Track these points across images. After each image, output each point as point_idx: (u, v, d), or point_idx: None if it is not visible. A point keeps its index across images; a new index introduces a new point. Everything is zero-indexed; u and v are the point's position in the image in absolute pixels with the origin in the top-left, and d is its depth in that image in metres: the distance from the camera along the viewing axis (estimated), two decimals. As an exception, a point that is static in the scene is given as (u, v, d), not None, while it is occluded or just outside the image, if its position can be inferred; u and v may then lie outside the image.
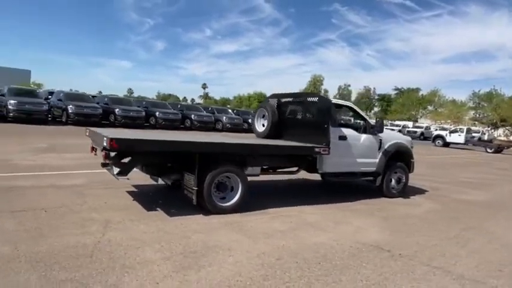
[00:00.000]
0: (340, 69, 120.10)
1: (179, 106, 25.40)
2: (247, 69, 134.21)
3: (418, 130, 40.71)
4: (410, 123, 47.07)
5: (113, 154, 4.75)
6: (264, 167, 6.19)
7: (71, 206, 4.85)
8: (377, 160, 6.84)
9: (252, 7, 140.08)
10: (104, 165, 5.17)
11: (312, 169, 6.37)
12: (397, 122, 47.76)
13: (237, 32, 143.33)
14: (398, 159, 7.24)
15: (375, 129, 6.65)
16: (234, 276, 3.11)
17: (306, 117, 6.48)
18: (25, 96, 17.40)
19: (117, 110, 19.70)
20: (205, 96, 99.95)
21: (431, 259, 3.95)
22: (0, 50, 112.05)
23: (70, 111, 18.01)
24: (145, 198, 5.58)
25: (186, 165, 4.94)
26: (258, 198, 6.07)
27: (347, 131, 6.50)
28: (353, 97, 78.34)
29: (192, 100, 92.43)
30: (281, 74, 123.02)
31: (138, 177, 5.72)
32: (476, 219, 6.01)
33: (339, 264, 3.60)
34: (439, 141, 30.37)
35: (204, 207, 4.94)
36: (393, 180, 7.14)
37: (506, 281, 3.53)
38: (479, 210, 6.68)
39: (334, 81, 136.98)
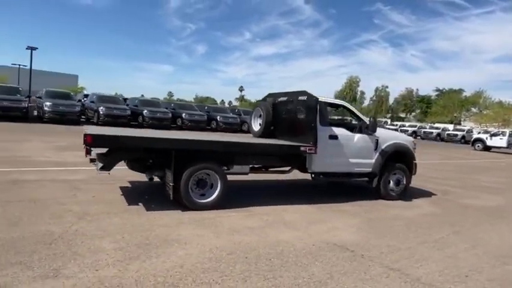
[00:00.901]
0: (382, 70, 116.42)
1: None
2: (285, 71, 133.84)
3: (459, 133, 38.63)
4: (450, 126, 44.80)
5: (103, 150, 5.06)
6: (254, 166, 6.26)
7: (60, 198, 5.16)
8: (373, 161, 6.65)
9: (292, 9, 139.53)
10: (91, 160, 5.45)
11: (304, 168, 6.33)
12: (436, 125, 45.68)
13: (276, 34, 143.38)
14: (398, 160, 7.00)
15: (369, 129, 6.47)
16: (174, 268, 3.20)
17: (297, 116, 6.45)
18: (60, 99, 18.58)
19: (145, 111, 20.49)
20: (241, 99, 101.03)
21: (395, 261, 3.81)
22: (50, 56, 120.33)
23: (101, 112, 18.97)
24: (134, 193, 5.82)
25: (165, 161, 5.10)
26: (246, 197, 6.15)
27: (338, 130, 6.39)
28: (391, 99, 75.89)
29: (230, 102, 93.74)
30: (320, 75, 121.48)
31: (140, 175, 5.90)
32: (472, 224, 5.69)
33: (290, 261, 3.58)
34: (478, 144, 28.74)
35: (182, 203, 5.07)
36: (391, 182, 6.91)
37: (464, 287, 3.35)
38: (481, 216, 6.30)
39: (375, 82, 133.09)
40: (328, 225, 4.93)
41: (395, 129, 42.47)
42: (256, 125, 7.33)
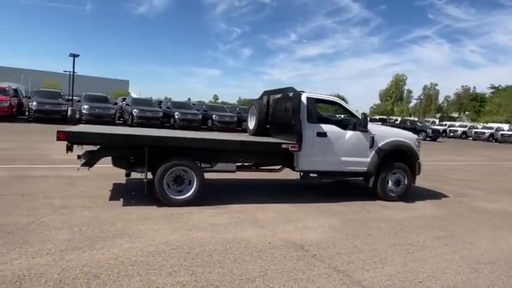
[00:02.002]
0: (436, 67, 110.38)
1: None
2: (331, 72, 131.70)
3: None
4: (506, 126, 41.40)
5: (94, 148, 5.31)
6: (244, 164, 6.21)
7: (50, 192, 5.47)
8: (368, 159, 6.33)
9: (339, 8, 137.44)
10: (78, 157, 5.72)
11: (293, 167, 6.18)
12: (490, 124, 42.47)
13: (322, 34, 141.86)
14: (398, 159, 6.60)
15: (360, 126, 6.17)
16: (108, 260, 3.26)
17: (284, 113, 6.31)
18: (97, 102, 19.72)
19: (176, 113, 21.14)
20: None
21: (347, 263, 3.60)
22: (103, 62, 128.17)
23: (134, 114, 19.88)
24: (123, 190, 6.03)
25: (142, 158, 5.22)
26: (233, 194, 6.18)
27: (328, 127, 6.16)
28: (441, 97, 71.64)
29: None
30: (369, 75, 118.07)
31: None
32: (470, 228, 5.21)
33: (231, 258, 3.50)
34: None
35: (157, 199, 5.16)
36: (390, 182, 6.52)
37: (409, 293, 3.08)
38: (485, 220, 5.75)
39: (427, 81, 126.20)
40: (300, 225, 4.76)
41: (443, 130, 40.30)
42: (251, 124, 7.29)
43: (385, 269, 3.50)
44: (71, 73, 30.18)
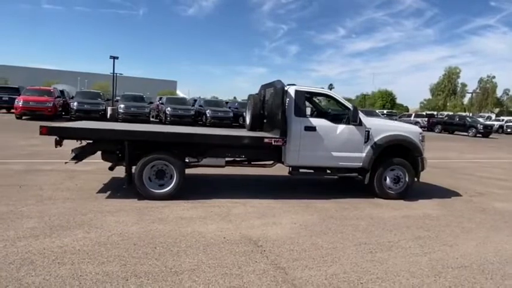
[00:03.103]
0: (499, 59, 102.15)
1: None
2: (382, 66, 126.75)
3: None
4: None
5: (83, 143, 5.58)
6: (235, 159, 6.17)
7: (46, 185, 5.82)
8: (363, 154, 6.01)
9: (390, 0, 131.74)
10: (72, 151, 6.01)
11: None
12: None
13: (373, 28, 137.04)
14: (398, 154, 6.19)
15: (352, 119, 5.86)
16: (52, 248, 3.39)
17: (272, 107, 6.17)
18: (133, 101, 20.65)
19: (207, 111, 21.50)
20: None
21: (293, 260, 3.44)
22: (154, 64, 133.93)
23: (167, 112, 20.54)
24: (117, 184, 6.22)
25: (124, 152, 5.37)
26: (222, 189, 6.25)
27: (317, 121, 5.93)
28: (499, 91, 66.11)
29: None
30: (423, 68, 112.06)
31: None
32: (461, 229, 4.76)
33: (175, 251, 3.49)
34: None
35: (138, 192, 5.29)
36: (388, 179, 6.15)
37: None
38: (487, 222, 5.23)
39: (491, 73, 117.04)
40: (271, 221, 4.64)
41: (500, 126, 37.13)
42: (247, 119, 7.22)
43: (330, 269, 3.30)
44: (117, 74, 32.01)
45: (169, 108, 20.68)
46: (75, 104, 18.97)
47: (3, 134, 4.94)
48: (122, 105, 19.77)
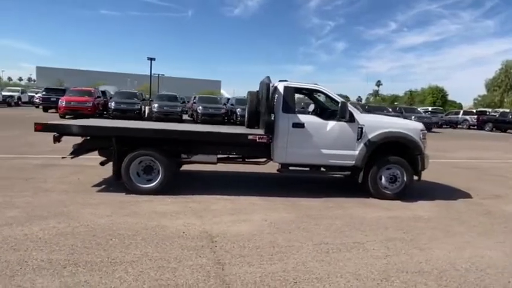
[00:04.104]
0: None
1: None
2: (436, 61, 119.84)
3: None
4: None
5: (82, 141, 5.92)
6: (229, 156, 6.20)
7: (51, 178, 6.24)
8: (356, 152, 5.78)
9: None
10: (72, 146, 6.38)
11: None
12: None
13: (427, 21, 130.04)
14: (394, 152, 5.88)
15: (339, 115, 5.65)
16: (17, 235, 3.65)
17: (261, 104, 6.11)
18: (167, 101, 21.39)
19: (238, 109, 21.68)
20: (375, 94, 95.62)
21: (237, 256, 3.43)
22: (200, 64, 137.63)
23: (199, 111, 21.01)
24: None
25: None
26: (214, 186, 6.30)
27: (306, 118, 5.81)
28: None
29: (359, 99, 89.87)
30: (481, 63, 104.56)
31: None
32: (446, 233, 4.43)
33: (127, 243, 3.61)
34: None
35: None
36: (383, 178, 5.86)
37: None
38: (485, 226, 4.83)
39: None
40: (242, 217, 4.62)
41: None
42: (246, 116, 7.21)
43: (272, 267, 3.24)
44: (160, 75, 33.31)
45: (200, 107, 21.14)
46: (113, 103, 20.04)
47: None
48: (156, 105, 20.56)
